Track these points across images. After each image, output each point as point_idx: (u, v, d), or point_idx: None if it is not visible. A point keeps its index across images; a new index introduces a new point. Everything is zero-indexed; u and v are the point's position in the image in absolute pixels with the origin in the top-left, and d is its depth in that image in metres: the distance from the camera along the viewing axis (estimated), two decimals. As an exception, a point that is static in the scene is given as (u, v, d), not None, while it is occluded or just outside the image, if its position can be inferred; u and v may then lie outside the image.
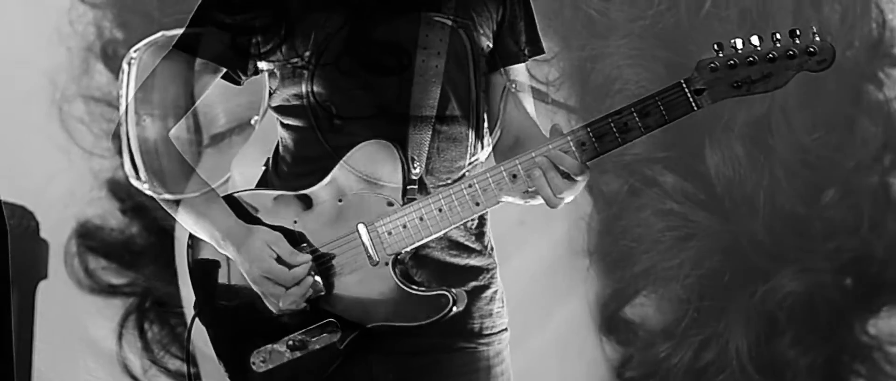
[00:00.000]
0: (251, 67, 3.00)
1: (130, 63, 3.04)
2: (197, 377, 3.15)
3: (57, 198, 4.50)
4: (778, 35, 2.79)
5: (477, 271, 3.03)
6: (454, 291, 2.92)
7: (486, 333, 3.02)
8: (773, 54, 2.79)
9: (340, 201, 2.93)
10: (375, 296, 2.92)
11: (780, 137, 4.61)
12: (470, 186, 2.90)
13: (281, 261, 2.91)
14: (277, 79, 2.99)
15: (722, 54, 2.81)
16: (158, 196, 2.99)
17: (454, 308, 2.91)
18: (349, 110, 2.94)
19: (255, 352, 2.96)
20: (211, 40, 2.97)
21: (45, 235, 4.53)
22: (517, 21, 3.08)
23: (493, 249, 3.07)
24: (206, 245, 3.01)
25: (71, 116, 4.50)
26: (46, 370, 4.53)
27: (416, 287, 2.93)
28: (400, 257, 2.93)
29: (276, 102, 3.00)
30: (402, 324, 2.91)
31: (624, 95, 4.45)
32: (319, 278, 2.94)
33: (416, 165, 2.94)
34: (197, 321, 3.05)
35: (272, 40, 2.96)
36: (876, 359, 4.78)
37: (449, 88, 2.97)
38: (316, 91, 2.94)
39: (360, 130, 2.93)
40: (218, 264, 3.01)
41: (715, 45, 2.81)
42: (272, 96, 3.01)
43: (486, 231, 3.06)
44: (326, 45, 2.94)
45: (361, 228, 2.92)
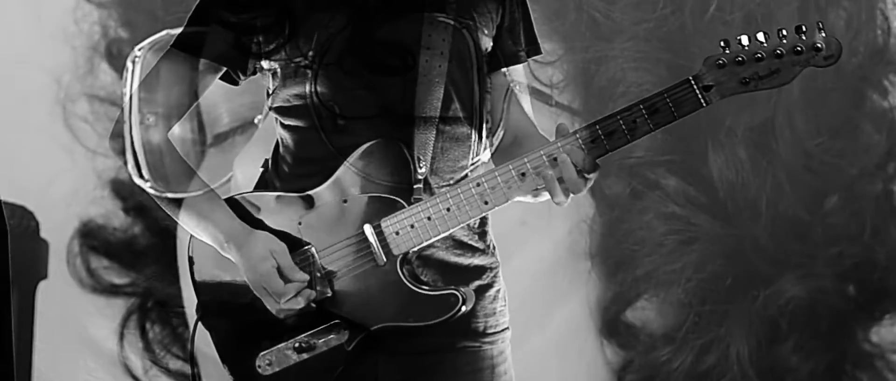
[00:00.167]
0: (251, 66, 2.98)
1: (134, 62, 3.02)
2: (197, 377, 3.14)
3: (60, 197, 4.50)
4: (784, 31, 2.80)
5: (481, 270, 3.02)
6: (462, 290, 2.91)
7: (489, 332, 3.01)
8: (780, 50, 2.80)
9: (345, 202, 2.92)
10: (383, 296, 2.91)
11: (783, 141, 4.61)
12: (478, 184, 2.89)
13: (281, 273, 2.90)
14: (279, 79, 2.97)
15: (729, 51, 2.82)
16: (160, 195, 2.98)
17: (463, 308, 2.90)
18: (352, 110, 2.93)
19: (260, 355, 2.93)
20: (214, 39, 2.95)
21: (47, 234, 4.53)
22: (517, 21, 3.08)
23: (495, 247, 3.06)
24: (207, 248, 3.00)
25: (75, 115, 4.50)
26: (46, 370, 4.53)
27: (424, 287, 2.92)
28: (407, 257, 2.92)
29: (276, 102, 2.98)
30: (411, 324, 2.90)
31: (627, 97, 4.44)
32: (326, 279, 2.92)
33: (422, 165, 2.93)
34: (200, 323, 3.04)
35: (275, 40, 2.94)
36: (878, 368, 4.78)
37: (452, 88, 2.97)
38: (319, 91, 2.93)
39: (363, 130, 2.92)
40: (220, 267, 2.99)
41: (721, 42, 2.82)
42: (272, 97, 2.99)
43: (488, 230, 3.05)
44: (329, 45, 2.92)
45: (368, 228, 2.90)
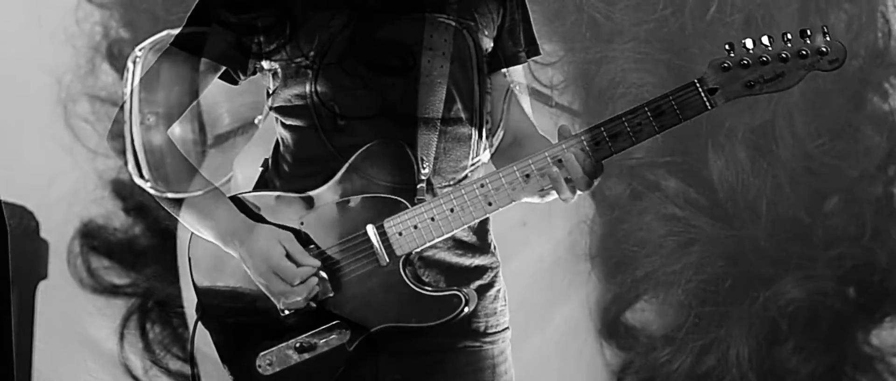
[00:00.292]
0: (251, 66, 2.99)
1: (135, 62, 3.03)
2: (197, 377, 3.13)
3: (61, 197, 4.49)
4: (789, 35, 2.81)
5: (482, 270, 3.02)
6: (465, 291, 2.92)
7: (490, 332, 3.02)
8: (784, 54, 2.81)
9: (348, 202, 2.92)
10: (385, 297, 2.91)
11: (783, 143, 4.61)
12: (482, 186, 2.89)
13: (290, 258, 2.90)
14: (279, 79, 2.97)
15: (734, 54, 2.82)
16: (161, 195, 2.98)
17: (466, 309, 2.90)
18: (353, 110, 2.93)
19: (260, 355, 2.93)
20: (215, 39, 2.96)
21: (48, 234, 4.53)
22: (517, 23, 3.08)
23: (495, 247, 3.07)
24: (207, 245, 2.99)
25: (76, 115, 4.49)
26: (46, 370, 4.53)
27: (426, 288, 2.92)
28: (410, 258, 2.92)
29: (277, 102, 2.98)
30: (412, 325, 2.90)
31: (627, 98, 4.44)
32: (327, 279, 2.92)
33: (425, 165, 2.93)
34: (199, 324, 3.04)
35: (276, 40, 2.95)
36: (879, 370, 4.77)
37: (454, 89, 2.97)
38: (320, 91, 2.93)
39: (363, 130, 2.92)
40: (220, 267, 2.99)
41: (726, 45, 2.82)
42: (272, 97, 2.99)
43: (488, 230, 3.05)
44: (330, 45, 2.92)
45: (370, 228, 2.90)
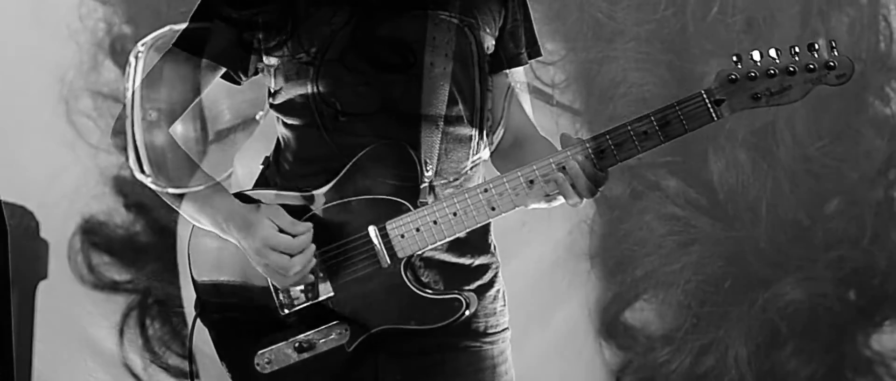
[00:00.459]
0: (252, 66, 2.98)
1: (137, 57, 3.02)
2: (195, 374, 3.13)
3: (62, 193, 4.49)
4: (796, 48, 2.80)
5: (482, 270, 3.02)
6: (466, 294, 2.91)
7: (490, 332, 3.01)
8: (792, 68, 2.80)
9: (350, 203, 2.91)
10: (386, 298, 2.90)
11: (784, 145, 4.61)
12: (486, 190, 2.88)
13: (283, 232, 2.88)
14: (281, 76, 2.96)
15: (741, 66, 2.81)
16: (162, 190, 2.98)
17: (466, 312, 2.90)
18: (354, 107, 2.91)
19: (259, 353, 2.92)
20: (216, 38, 2.95)
21: (49, 230, 4.52)
22: (518, 24, 3.07)
23: (495, 247, 3.06)
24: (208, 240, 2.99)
25: (78, 111, 4.48)
26: (46, 370, 4.52)
27: (427, 291, 2.91)
28: (411, 261, 2.92)
29: (278, 100, 2.97)
30: (413, 327, 2.90)
31: (629, 98, 4.45)
32: (328, 280, 2.92)
33: (429, 168, 2.92)
34: (198, 321, 3.03)
35: (278, 36, 2.93)
36: (878, 374, 4.77)
37: (455, 87, 2.96)
38: (321, 88, 2.92)
39: (364, 128, 2.91)
40: (219, 264, 2.99)
41: (734, 57, 2.81)
42: (274, 95, 2.99)
43: (488, 230, 3.04)
44: (332, 42, 2.91)
45: (372, 230, 2.89)
